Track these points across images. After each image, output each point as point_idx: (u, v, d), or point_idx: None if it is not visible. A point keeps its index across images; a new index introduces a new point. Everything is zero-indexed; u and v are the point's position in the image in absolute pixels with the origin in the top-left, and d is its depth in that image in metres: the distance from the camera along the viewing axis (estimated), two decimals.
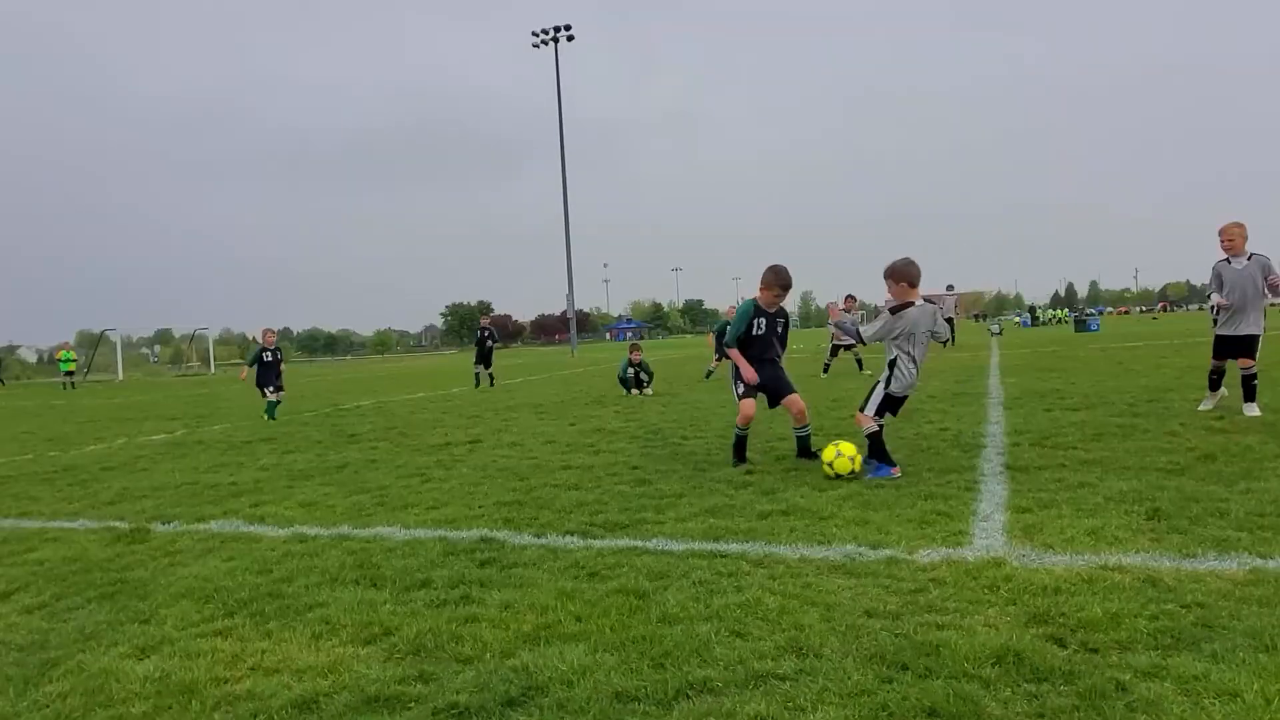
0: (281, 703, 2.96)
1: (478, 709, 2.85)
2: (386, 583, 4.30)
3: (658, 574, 4.18)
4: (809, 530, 4.88)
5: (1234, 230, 8.24)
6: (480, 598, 3.99)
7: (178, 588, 4.42)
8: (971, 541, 4.47)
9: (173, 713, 2.95)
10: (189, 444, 11.46)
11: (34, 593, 4.52)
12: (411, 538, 5.26)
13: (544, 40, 55.43)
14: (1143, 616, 3.27)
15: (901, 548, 4.41)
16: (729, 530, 4.98)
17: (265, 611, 3.96)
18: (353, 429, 12.17)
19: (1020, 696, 2.72)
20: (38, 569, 5.00)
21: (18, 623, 4.06)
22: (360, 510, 6.23)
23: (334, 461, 8.86)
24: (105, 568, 4.94)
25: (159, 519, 6.28)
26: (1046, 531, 4.55)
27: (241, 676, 3.24)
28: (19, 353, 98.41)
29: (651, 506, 5.74)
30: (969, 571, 3.93)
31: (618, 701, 2.84)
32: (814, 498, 5.67)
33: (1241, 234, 8.23)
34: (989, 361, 19.50)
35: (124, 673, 3.30)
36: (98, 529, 6.06)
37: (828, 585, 3.88)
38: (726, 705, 2.77)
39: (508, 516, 5.69)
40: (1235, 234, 8.23)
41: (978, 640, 3.11)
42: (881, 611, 3.51)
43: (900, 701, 2.70)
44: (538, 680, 3.02)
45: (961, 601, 3.57)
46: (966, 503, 5.31)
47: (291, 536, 5.48)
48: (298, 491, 7.16)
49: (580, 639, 3.39)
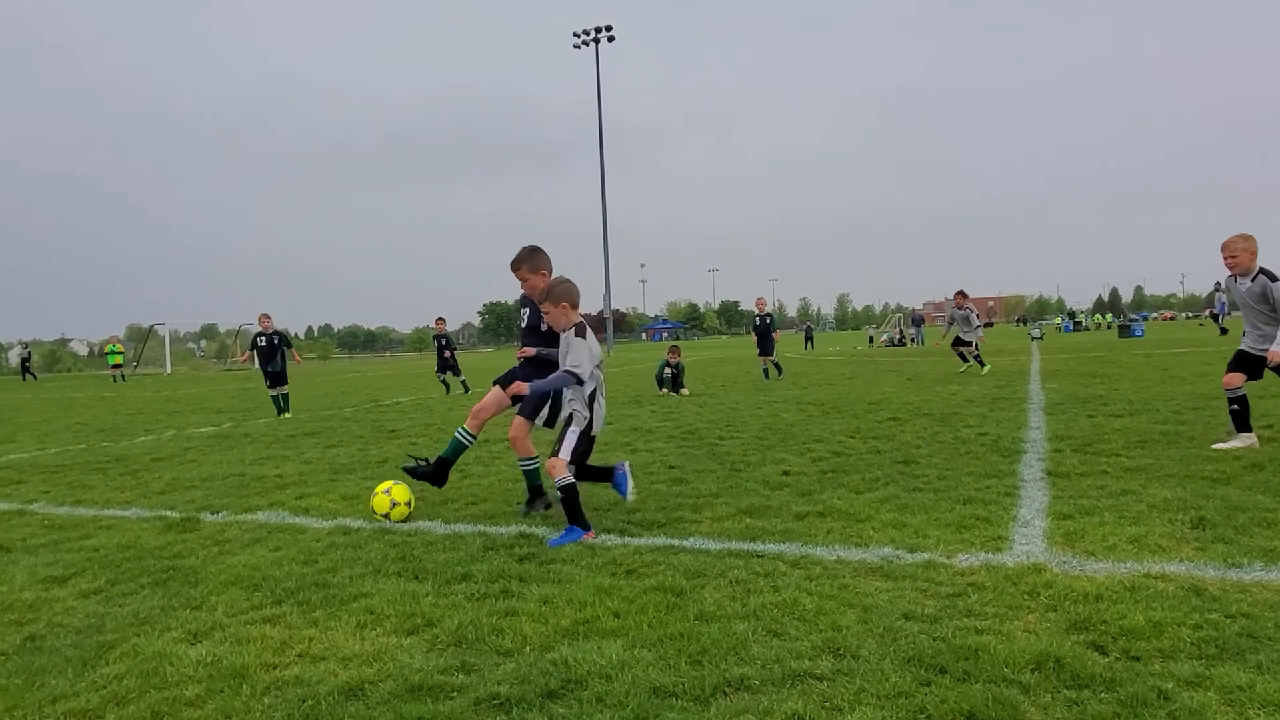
0: (328, 689, 3.04)
1: (518, 700, 2.90)
2: (428, 575, 4.38)
3: (695, 572, 4.21)
4: (846, 532, 4.88)
5: (1236, 245, 7.23)
6: (520, 592, 4.05)
7: (227, 576, 4.55)
8: (1011, 547, 4.44)
9: (224, 696, 3.04)
10: (235, 437, 11.71)
11: (90, 578, 4.67)
12: (452, 532, 5.35)
13: (585, 41, 55.69)
14: (1186, 625, 3.23)
15: (940, 552, 4.40)
16: (766, 531, 5.00)
17: (311, 600, 4.06)
18: (393, 425, 12.36)
19: (1060, 702, 2.71)
20: (93, 555, 5.16)
21: (75, 606, 4.20)
22: None
23: (375, 456, 9.01)
24: (157, 555, 5.09)
25: (208, 509, 6.44)
26: (1088, 538, 4.50)
27: (289, 663, 3.33)
28: (71, 345, 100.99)
29: (688, 506, 5.77)
30: (1009, 577, 3.91)
31: (655, 697, 2.87)
32: (851, 500, 5.66)
33: (1248, 249, 7.19)
34: (1029, 366, 19.23)
35: (177, 656, 3.41)
36: (150, 518, 6.24)
37: (865, 587, 3.88)
38: (763, 703, 2.79)
39: (546, 513, 5.75)
40: (1238, 249, 7.21)
41: (1017, 645, 3.10)
42: (919, 615, 3.51)
43: (938, 704, 2.71)
44: (577, 674, 3.07)
45: (1001, 607, 3.56)
46: (1006, 508, 5.27)
47: (335, 528, 5.60)
48: (340, 485, 7.31)
49: (618, 635, 3.44)
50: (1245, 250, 7.16)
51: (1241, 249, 7.16)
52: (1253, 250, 7.18)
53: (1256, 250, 7.19)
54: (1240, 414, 7.18)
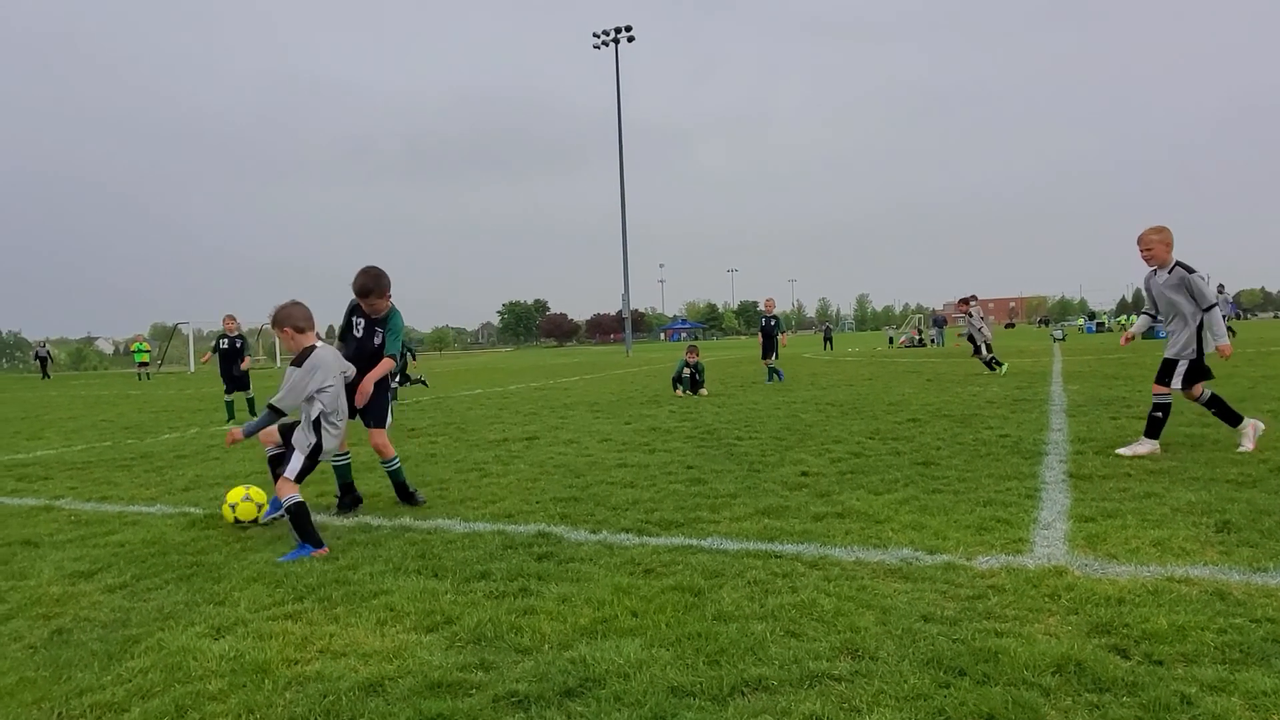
0: (349, 685, 3.07)
1: (536, 698, 2.92)
2: (447, 573, 4.41)
3: (713, 572, 4.21)
4: (864, 533, 4.86)
5: (1150, 238, 7.07)
6: (538, 590, 4.06)
7: (250, 572, 4.60)
8: (1032, 549, 4.41)
9: (246, 691, 3.08)
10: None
11: (116, 573, 4.73)
12: (471, 531, 5.38)
13: (605, 41, 55.76)
14: (1210, 630, 3.20)
15: (959, 553, 4.37)
16: (784, 531, 4.99)
17: (332, 597, 4.09)
18: (412, 423, 12.43)
19: (1081, 706, 2.69)
20: (119, 550, 5.23)
21: (101, 601, 4.26)
22: None
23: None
24: (182, 551, 5.15)
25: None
26: (1110, 541, 4.46)
27: (311, 658, 3.36)
28: (97, 344, 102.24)
29: (706, 506, 5.77)
30: (1029, 579, 3.88)
31: (673, 696, 2.88)
32: (870, 501, 5.64)
33: (1163, 241, 7.04)
34: (1051, 367, 19.06)
35: (201, 651, 3.45)
36: (174, 514, 6.32)
37: (884, 589, 3.87)
38: (781, 704, 2.79)
39: (564, 512, 5.77)
40: (1153, 242, 7.06)
41: (1038, 648, 3.08)
42: (939, 617, 3.49)
43: (958, 707, 2.70)
44: (595, 672, 3.08)
45: (1021, 609, 3.54)
46: (1027, 510, 5.23)
47: (355, 526, 5.65)
48: (360, 483, 7.34)
49: (636, 634, 3.44)
50: (1160, 243, 7.07)
51: (1156, 241, 7.07)
52: (1167, 242, 7.08)
53: (1171, 243, 7.09)
54: (1157, 421, 7.07)
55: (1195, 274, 6.92)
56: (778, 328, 18.43)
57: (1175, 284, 6.98)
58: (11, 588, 4.53)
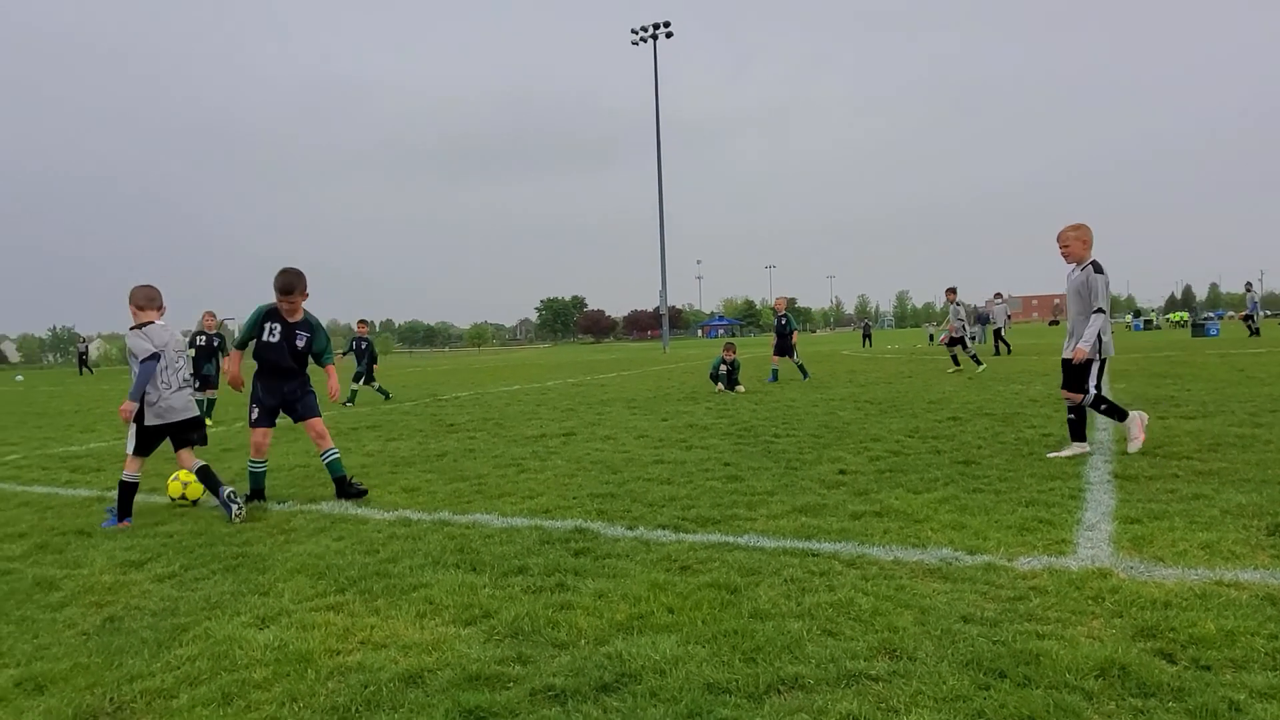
0: (389, 676, 3.12)
1: (573, 692, 2.94)
2: (485, 568, 4.46)
3: (749, 570, 4.21)
4: (903, 533, 4.82)
5: (1067, 235, 7.08)
6: (575, 586, 4.09)
7: (293, 563, 4.69)
8: (1075, 551, 4.33)
9: (290, 680, 3.15)
10: (299, 429, 12.00)
11: (165, 563, 4.86)
12: (508, 526, 5.43)
13: (643, 38, 55.72)
14: (1260, 635, 3.12)
15: (1000, 554, 4.32)
16: (821, 530, 4.97)
17: (373, 590, 4.16)
18: (451, 419, 12.56)
19: (1125, 711, 2.64)
20: (168, 541, 5.37)
21: (151, 590, 4.37)
22: (459, 497, 6.45)
23: (434, 450, 9.17)
24: (228, 542, 5.27)
25: (274, 499, 6.64)
26: (1157, 543, 4.37)
27: (352, 649, 3.42)
28: None
29: (743, 503, 5.76)
30: (1072, 581, 3.82)
31: (709, 693, 2.88)
32: (909, 500, 5.59)
33: (1079, 238, 7.03)
34: None
35: (246, 640, 3.53)
36: (220, 506, 6.44)
37: (922, 589, 3.83)
38: (818, 702, 2.78)
39: (601, 508, 5.80)
40: (1069, 239, 7.06)
41: (1080, 651, 3.03)
42: (979, 618, 3.45)
43: (997, 709, 2.67)
44: (631, 668, 3.10)
45: (1064, 611, 3.48)
46: (1071, 511, 5.14)
47: (396, 520, 5.73)
48: (400, 477, 7.46)
49: (672, 630, 3.45)
50: (1076, 240, 7.08)
51: (1073, 238, 7.08)
52: (1084, 240, 7.08)
53: (1089, 240, 7.09)
54: (1074, 423, 7.11)
55: (1101, 275, 6.95)
56: (789, 326, 18.28)
57: (1081, 282, 7.00)
58: (66, 576, 4.67)
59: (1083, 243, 7.07)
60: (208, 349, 14.01)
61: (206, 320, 14.40)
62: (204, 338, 14.11)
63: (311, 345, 6.66)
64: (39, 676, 3.27)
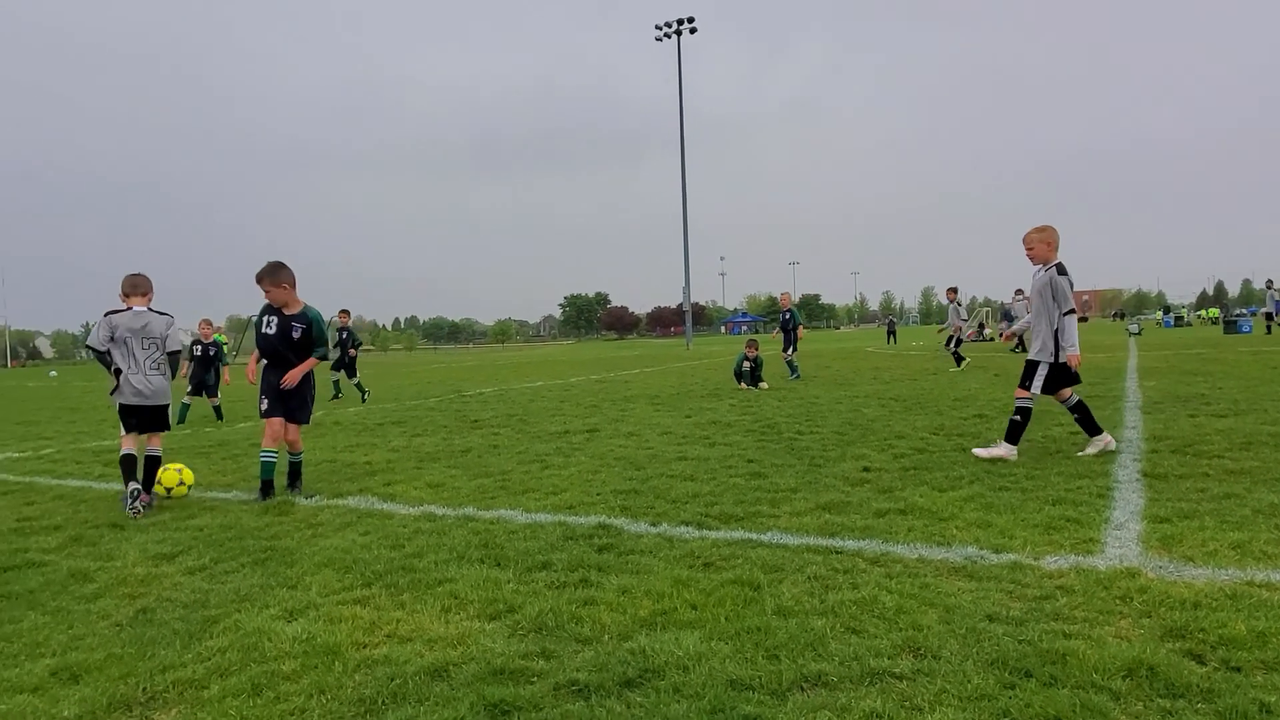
0: (415, 669, 3.16)
1: (596, 687, 2.96)
2: (509, 563, 4.49)
3: (772, 567, 4.21)
4: (928, 531, 4.79)
5: (1031, 237, 7.12)
6: (598, 582, 4.11)
7: (320, 557, 4.75)
8: (1103, 550, 4.29)
9: (318, 672, 3.19)
10: (327, 425, 12.15)
11: (195, 555, 4.94)
12: (532, 521, 5.46)
13: (667, 34, 55.66)
14: None
15: (1027, 553, 4.28)
16: (845, 527, 4.95)
17: (399, 584, 4.21)
18: (476, 415, 12.64)
19: (1153, 712, 2.62)
20: (198, 534, 5.45)
21: (182, 582, 4.45)
22: (484, 493, 6.49)
23: (459, 446, 9.24)
24: (257, 536, 5.34)
25: (303, 493, 6.72)
26: (1187, 543, 4.32)
27: (379, 642, 3.46)
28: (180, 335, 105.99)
29: (766, 500, 5.75)
30: (1100, 581, 3.78)
31: (732, 689, 2.89)
32: (934, 498, 5.55)
33: (1044, 240, 7.06)
34: (1126, 363, 18.45)
35: (275, 632, 3.58)
36: (249, 500, 6.55)
37: (947, 587, 3.81)
38: (841, 700, 2.78)
39: (624, 505, 5.81)
40: (1034, 241, 7.10)
41: (1108, 651, 3.01)
42: (1004, 617, 3.43)
43: (1023, 708, 2.65)
44: (654, 664, 3.11)
45: (1091, 611, 3.45)
46: (1099, 510, 5.09)
47: (421, 515, 5.78)
48: (426, 473, 7.52)
49: (695, 626, 3.46)
50: (1040, 242, 7.11)
51: (1037, 240, 7.12)
52: (1048, 242, 7.10)
53: (1053, 242, 7.10)
54: (1015, 425, 7.02)
55: (1065, 276, 6.95)
56: (793, 321, 18.17)
57: (1045, 283, 7.00)
58: (100, 568, 4.76)
59: (1047, 244, 7.09)
60: (204, 358, 13.66)
61: (202, 328, 14.09)
62: (200, 347, 13.73)
63: (308, 337, 6.86)
64: (74, 666, 3.34)
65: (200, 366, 13.61)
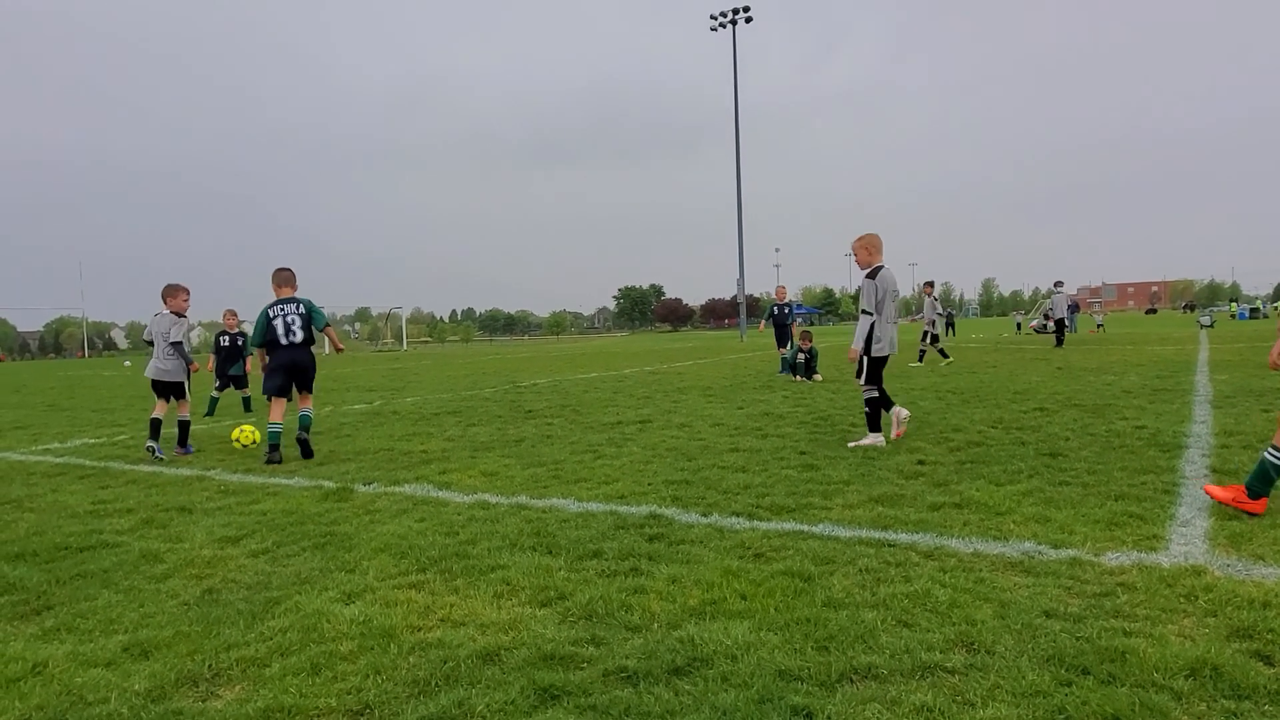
0: (468, 653, 3.22)
1: (645, 674, 2.98)
2: (561, 551, 4.54)
3: (824, 559, 4.18)
4: (984, 525, 4.71)
5: (854, 244, 7.79)
6: (649, 570, 4.13)
7: (377, 543, 4.86)
8: (1167, 547, 4.17)
9: (374, 653, 3.27)
10: (385, 414, 12.40)
11: (259, 539, 5.09)
12: (584, 510, 5.50)
13: (722, 23, 55.28)
14: None
15: (1086, 549, 4.18)
16: (898, 520, 4.89)
17: (453, 569, 4.28)
18: (530, 405, 12.77)
19: (1216, 712, 2.54)
20: (261, 519, 5.62)
21: (246, 565, 4.59)
22: (537, 482, 6.56)
23: (513, 435, 9.35)
24: (317, 521, 5.49)
25: (360, 480, 6.88)
26: (1256, 541, 4.17)
27: (433, 626, 3.53)
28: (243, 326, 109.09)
29: (818, 492, 5.71)
30: (1163, 578, 3.68)
31: (780, 679, 2.89)
32: (991, 492, 5.45)
33: (863, 246, 7.70)
34: (1197, 356, 17.83)
35: (333, 614, 3.68)
36: (309, 487, 6.72)
37: (1003, 582, 3.74)
38: (891, 692, 2.76)
39: (676, 495, 5.82)
40: (855, 248, 7.77)
41: (1170, 650, 2.93)
42: (1062, 613, 3.36)
43: (1079, 706, 2.60)
44: (703, 652, 3.12)
45: (1153, 609, 3.36)
46: (1164, 506, 4.94)
47: (475, 503, 5.87)
48: (480, 462, 7.63)
49: (745, 616, 3.46)
50: (860, 248, 7.74)
51: (858, 247, 7.76)
52: (867, 247, 7.70)
53: (873, 248, 7.69)
54: (868, 414, 7.63)
55: (871, 280, 7.56)
56: (790, 316, 17.59)
57: (862, 284, 7.71)
58: (169, 549, 4.94)
59: (867, 250, 7.71)
60: (231, 349, 13.35)
61: (228, 319, 13.68)
62: (227, 338, 13.38)
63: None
64: (144, 643, 3.47)
65: (227, 359, 13.40)
